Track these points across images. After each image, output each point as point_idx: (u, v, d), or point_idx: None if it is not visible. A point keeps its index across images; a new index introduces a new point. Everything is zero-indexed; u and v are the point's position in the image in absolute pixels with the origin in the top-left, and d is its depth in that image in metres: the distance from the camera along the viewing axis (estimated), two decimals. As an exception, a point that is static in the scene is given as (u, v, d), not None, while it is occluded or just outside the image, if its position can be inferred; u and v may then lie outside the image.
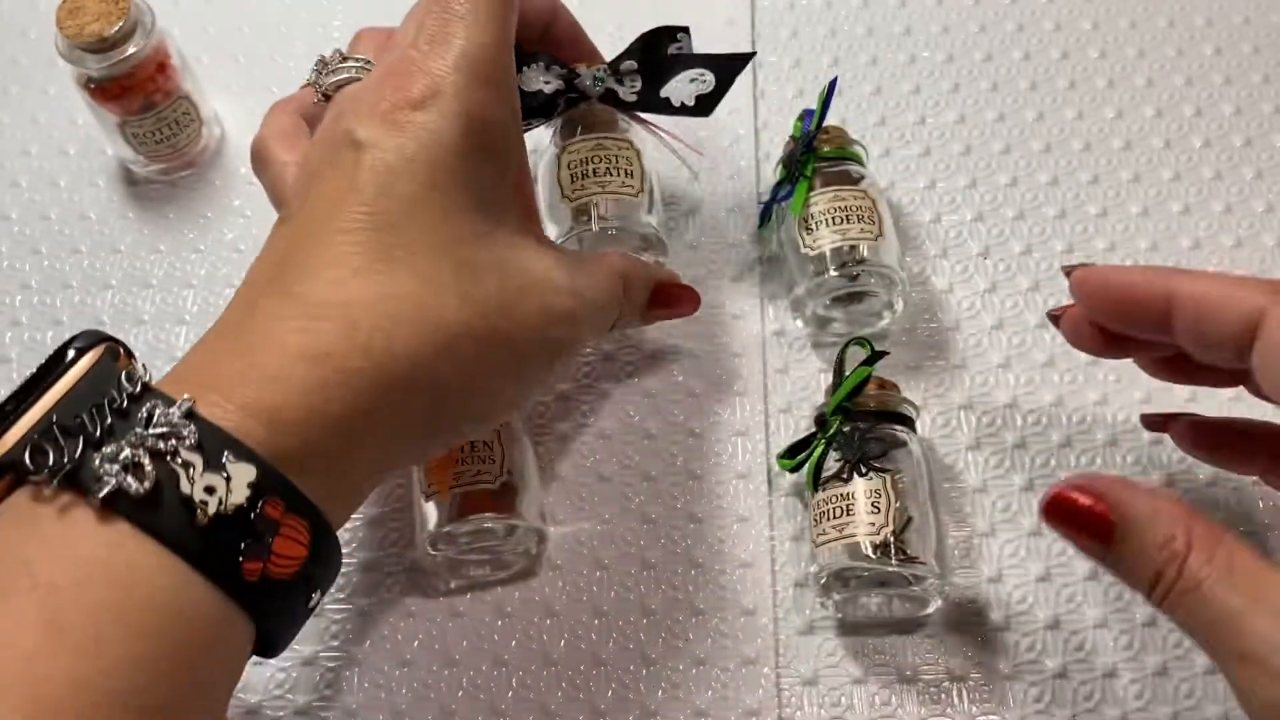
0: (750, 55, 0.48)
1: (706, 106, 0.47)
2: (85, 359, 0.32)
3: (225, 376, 0.32)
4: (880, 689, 0.42)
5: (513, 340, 0.37)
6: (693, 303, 0.47)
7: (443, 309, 0.35)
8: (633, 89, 0.47)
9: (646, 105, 0.47)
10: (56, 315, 0.54)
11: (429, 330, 0.34)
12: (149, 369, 0.33)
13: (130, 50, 0.51)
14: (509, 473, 0.43)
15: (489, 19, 0.38)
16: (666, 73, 0.47)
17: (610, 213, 0.46)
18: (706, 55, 0.47)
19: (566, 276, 0.39)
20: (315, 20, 0.63)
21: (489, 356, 0.36)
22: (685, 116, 0.48)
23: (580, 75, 0.46)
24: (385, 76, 0.37)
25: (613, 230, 0.46)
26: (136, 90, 0.53)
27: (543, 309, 0.38)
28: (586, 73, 0.46)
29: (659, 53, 0.47)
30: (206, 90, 0.57)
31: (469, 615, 0.44)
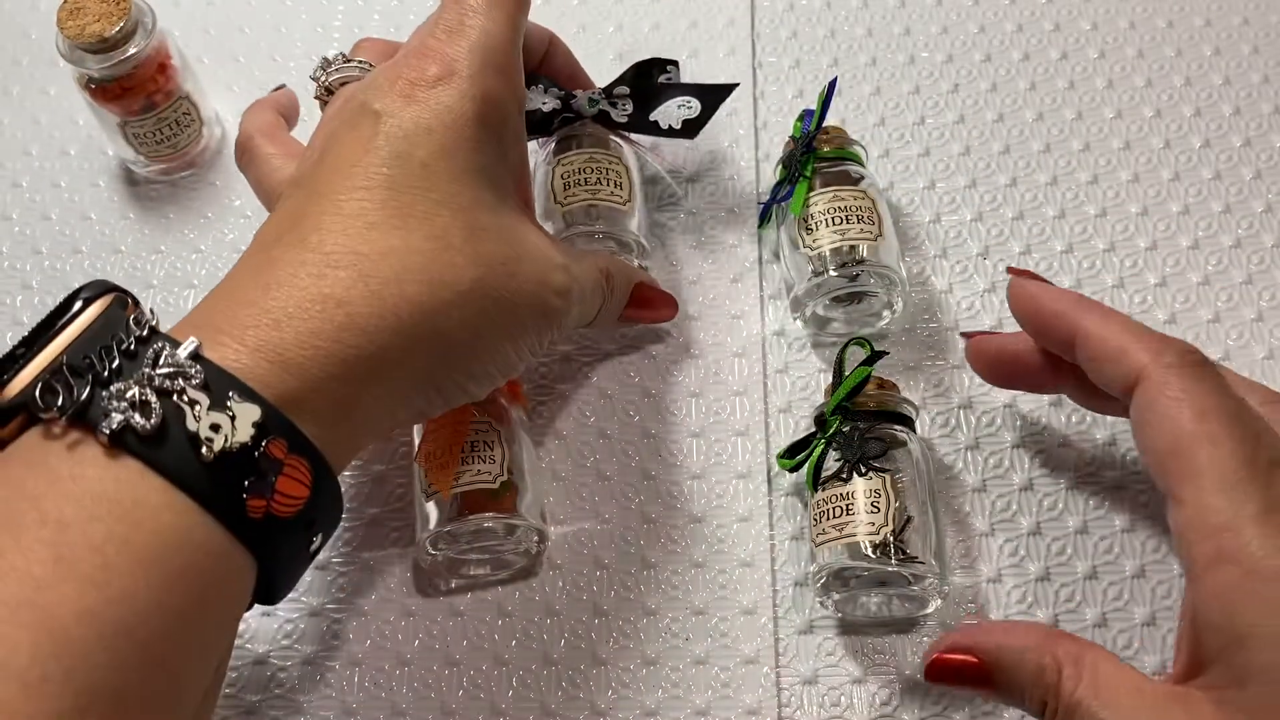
0: (734, 86, 0.51)
1: (692, 130, 0.50)
2: (94, 306, 0.33)
3: (237, 318, 0.34)
4: (880, 689, 0.42)
5: (514, 303, 0.39)
6: (670, 308, 0.49)
7: (453, 266, 0.37)
8: (624, 111, 0.50)
9: (637, 127, 0.50)
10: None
11: (439, 285, 0.36)
12: (156, 315, 0.34)
13: (131, 50, 0.52)
14: (509, 472, 0.43)
15: (503, 15, 0.40)
16: (656, 98, 0.50)
17: (599, 218, 0.48)
18: (693, 84, 0.51)
19: (562, 257, 0.41)
20: (315, 20, 0.63)
21: (492, 316, 0.38)
22: (672, 139, 0.51)
23: (576, 97, 0.49)
24: (403, 58, 0.40)
25: (600, 235, 0.49)
26: (137, 90, 0.53)
27: (542, 279, 0.40)
28: (582, 95, 0.49)
29: (650, 80, 0.51)
30: (207, 90, 0.58)
31: (469, 615, 0.45)
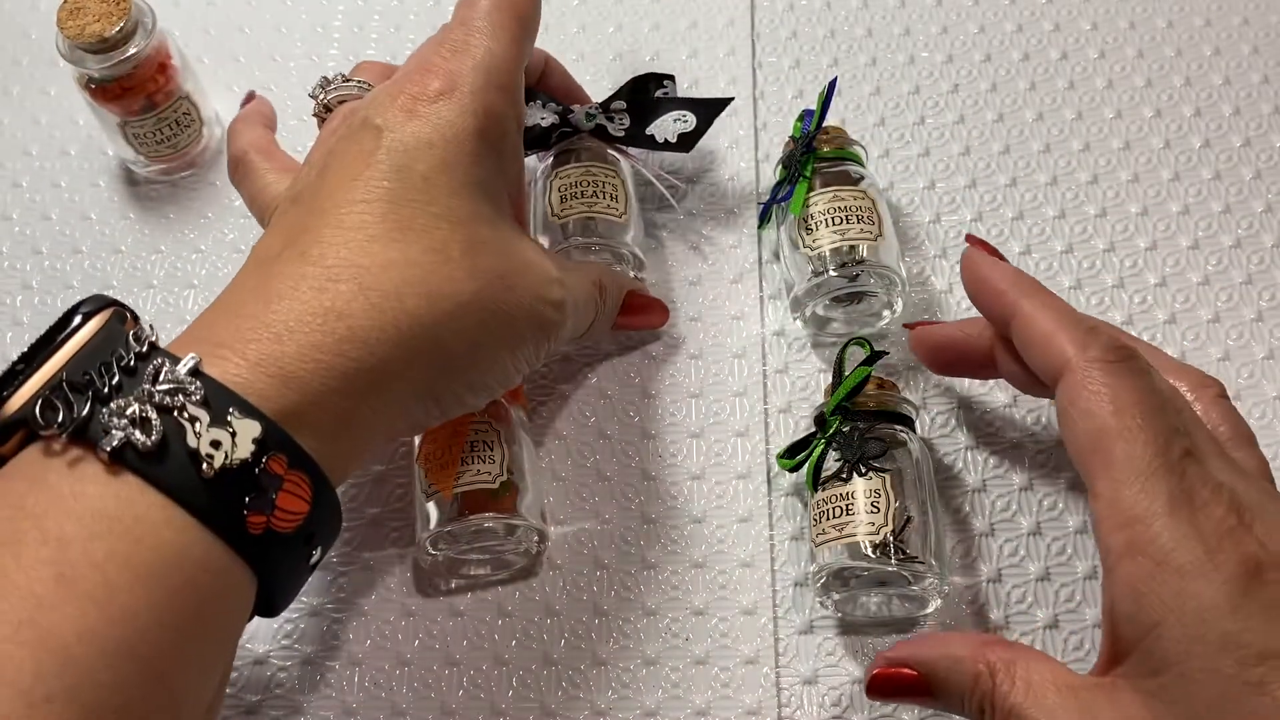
0: (729, 100, 0.51)
1: (687, 144, 0.51)
2: (93, 321, 0.33)
3: (238, 332, 0.34)
4: (880, 688, 0.42)
5: (512, 316, 0.39)
6: (661, 314, 0.50)
7: (452, 280, 0.37)
8: (621, 126, 0.50)
9: (633, 140, 0.51)
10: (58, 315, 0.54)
11: (438, 298, 0.36)
12: (155, 330, 0.34)
13: (131, 50, 0.52)
14: (509, 472, 0.43)
15: (508, 37, 0.41)
16: (652, 113, 0.51)
17: (596, 231, 0.49)
18: (689, 99, 0.52)
19: (557, 270, 0.42)
20: (315, 20, 0.63)
21: (490, 328, 0.38)
22: (668, 152, 0.51)
23: (574, 112, 0.50)
24: (405, 75, 0.40)
25: (596, 246, 0.49)
26: (137, 90, 0.53)
27: (538, 292, 0.40)
28: (580, 110, 0.50)
29: (646, 95, 0.51)
30: (207, 90, 0.58)
31: (469, 615, 0.45)
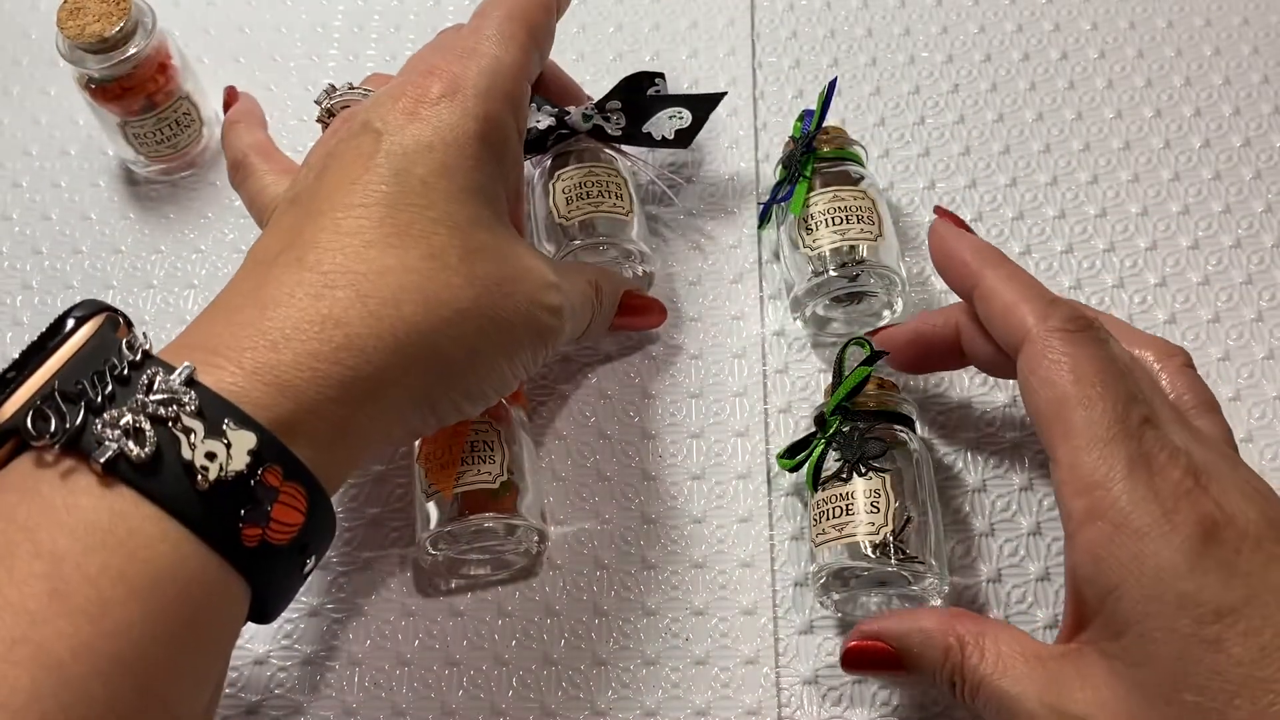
0: (722, 95, 0.52)
1: (684, 140, 0.51)
2: (86, 327, 0.33)
3: (234, 339, 0.33)
4: (880, 689, 0.42)
5: (510, 322, 0.39)
6: (659, 314, 0.50)
7: (450, 286, 0.36)
8: (618, 125, 0.50)
9: (631, 139, 0.51)
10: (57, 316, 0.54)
11: (436, 305, 0.36)
12: (149, 338, 0.33)
13: (131, 50, 0.52)
14: (510, 472, 0.43)
15: (517, 47, 0.41)
16: (648, 110, 0.51)
17: (603, 230, 0.49)
18: (682, 95, 0.52)
19: (554, 275, 0.41)
20: (315, 20, 0.63)
21: (488, 334, 0.38)
22: (666, 149, 0.51)
23: (570, 114, 0.50)
24: (408, 78, 0.40)
25: (604, 246, 0.49)
26: (137, 90, 0.53)
27: (535, 298, 0.40)
28: (576, 111, 0.50)
29: (640, 93, 0.51)
30: (207, 90, 0.58)
31: (469, 615, 0.45)
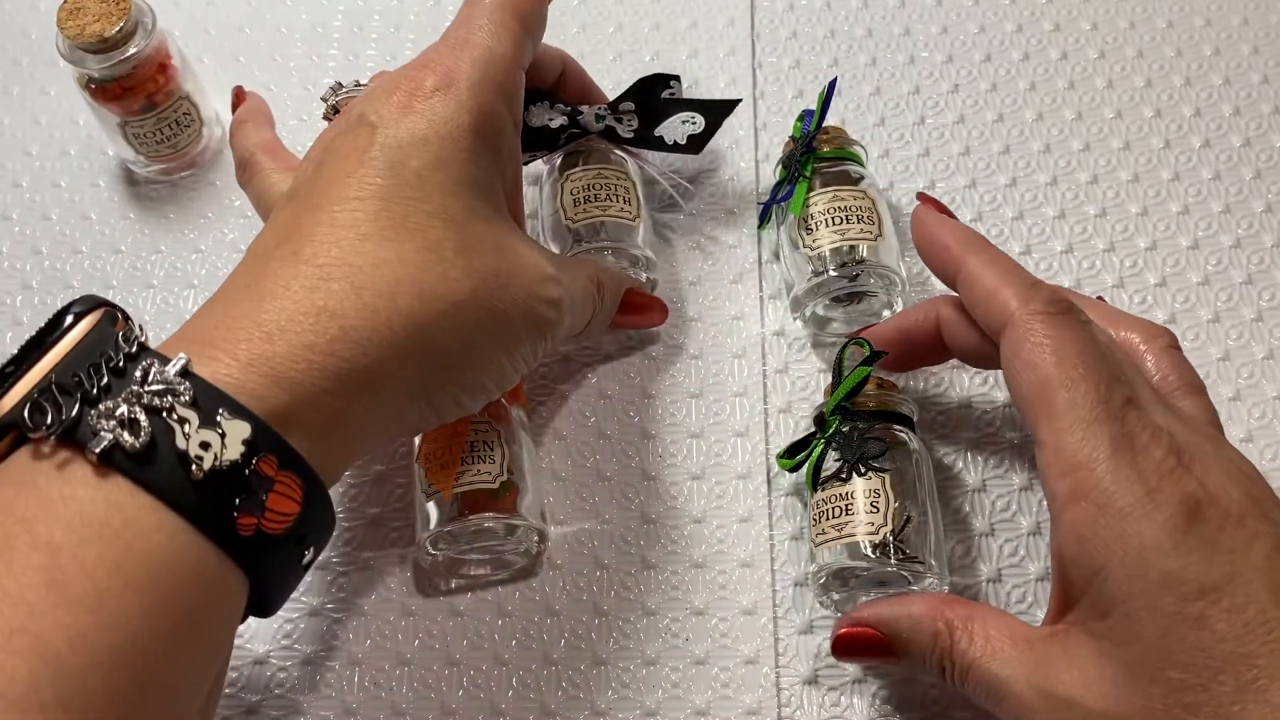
0: (737, 102, 0.52)
1: (697, 145, 0.51)
2: (84, 322, 0.33)
3: (229, 331, 0.33)
4: (880, 689, 0.42)
5: (508, 315, 0.39)
6: (660, 313, 0.49)
7: (445, 278, 0.36)
8: (630, 127, 0.50)
9: (642, 142, 0.51)
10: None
11: (431, 298, 0.36)
12: (146, 331, 0.33)
13: (131, 50, 0.52)
14: (510, 472, 0.43)
15: (510, 37, 0.41)
16: (661, 114, 0.51)
17: (609, 235, 0.49)
18: (696, 100, 0.52)
19: (552, 268, 0.41)
20: (315, 20, 0.63)
21: (486, 327, 0.38)
22: (677, 153, 0.51)
23: (583, 113, 0.50)
24: (403, 70, 0.40)
25: (609, 251, 0.49)
26: (137, 90, 0.53)
27: (533, 290, 0.40)
28: (589, 111, 0.50)
29: (654, 96, 0.51)
30: (207, 90, 0.58)
31: (469, 615, 0.45)
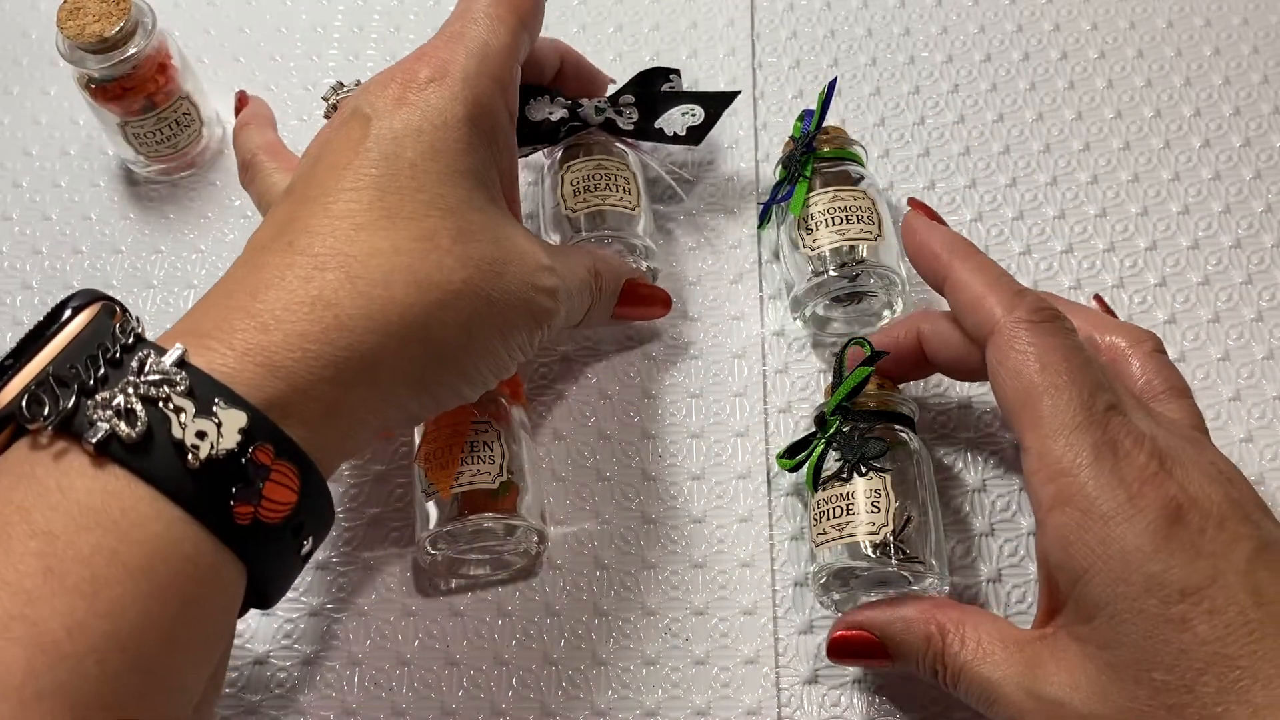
0: (736, 94, 0.52)
1: (696, 136, 0.51)
2: (82, 315, 0.33)
3: (225, 322, 0.34)
4: (880, 689, 0.42)
5: (504, 304, 0.38)
6: (662, 304, 0.49)
7: (441, 267, 0.36)
8: (630, 119, 0.50)
9: (642, 134, 0.51)
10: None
11: (427, 286, 0.36)
12: (142, 322, 0.34)
13: (131, 50, 0.52)
14: (509, 472, 0.43)
15: (506, 30, 0.41)
16: (660, 106, 0.51)
17: (609, 224, 0.49)
18: (697, 92, 0.52)
19: (549, 258, 0.41)
20: (315, 21, 0.63)
21: (481, 316, 0.38)
22: (677, 145, 0.51)
23: (583, 106, 0.50)
24: (398, 63, 0.40)
25: (609, 240, 0.49)
26: (137, 90, 0.53)
27: (529, 279, 0.40)
28: (589, 104, 0.50)
29: (654, 88, 0.52)
30: (207, 90, 0.58)
31: (469, 615, 0.45)
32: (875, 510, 0.40)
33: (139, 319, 0.34)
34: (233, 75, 0.61)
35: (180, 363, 0.32)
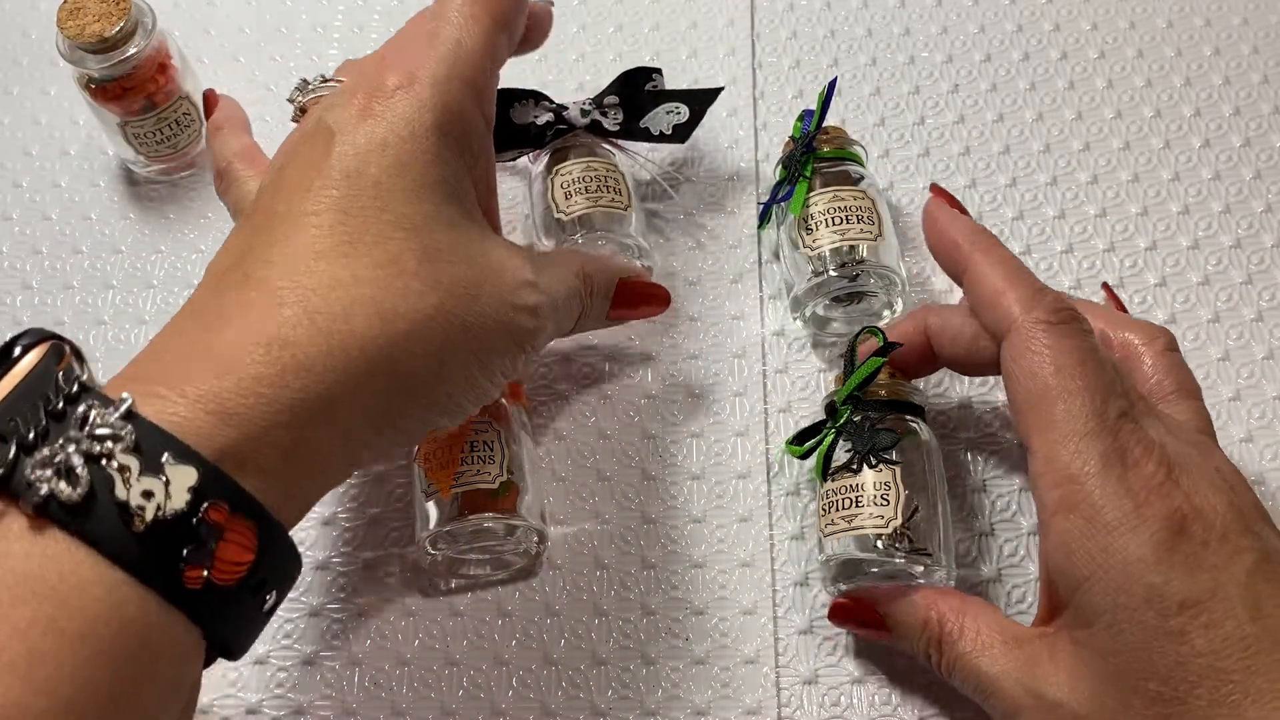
0: (719, 90, 0.52)
1: (682, 135, 0.51)
2: (28, 358, 0.31)
3: (178, 366, 0.32)
4: (880, 689, 0.42)
5: (480, 328, 0.36)
6: (660, 301, 0.46)
7: (407, 294, 0.34)
8: (615, 120, 0.51)
9: (628, 134, 0.51)
10: (58, 315, 0.54)
11: (392, 317, 0.34)
12: (89, 368, 0.31)
13: (131, 50, 0.52)
14: (509, 472, 0.43)
15: (480, 30, 0.39)
16: (645, 106, 0.51)
17: (601, 225, 0.49)
18: (679, 90, 0.52)
19: (530, 272, 0.39)
20: (315, 21, 0.63)
21: (454, 343, 0.36)
22: (664, 144, 0.52)
23: (569, 109, 0.50)
24: (365, 70, 0.38)
25: (602, 241, 0.49)
26: (137, 90, 0.53)
27: (507, 300, 0.37)
28: (574, 106, 0.50)
29: (637, 89, 0.52)
30: (207, 91, 0.58)
31: (469, 615, 0.44)
32: (884, 503, 0.40)
33: (86, 363, 0.31)
34: (233, 75, 0.61)
35: (128, 414, 0.29)
